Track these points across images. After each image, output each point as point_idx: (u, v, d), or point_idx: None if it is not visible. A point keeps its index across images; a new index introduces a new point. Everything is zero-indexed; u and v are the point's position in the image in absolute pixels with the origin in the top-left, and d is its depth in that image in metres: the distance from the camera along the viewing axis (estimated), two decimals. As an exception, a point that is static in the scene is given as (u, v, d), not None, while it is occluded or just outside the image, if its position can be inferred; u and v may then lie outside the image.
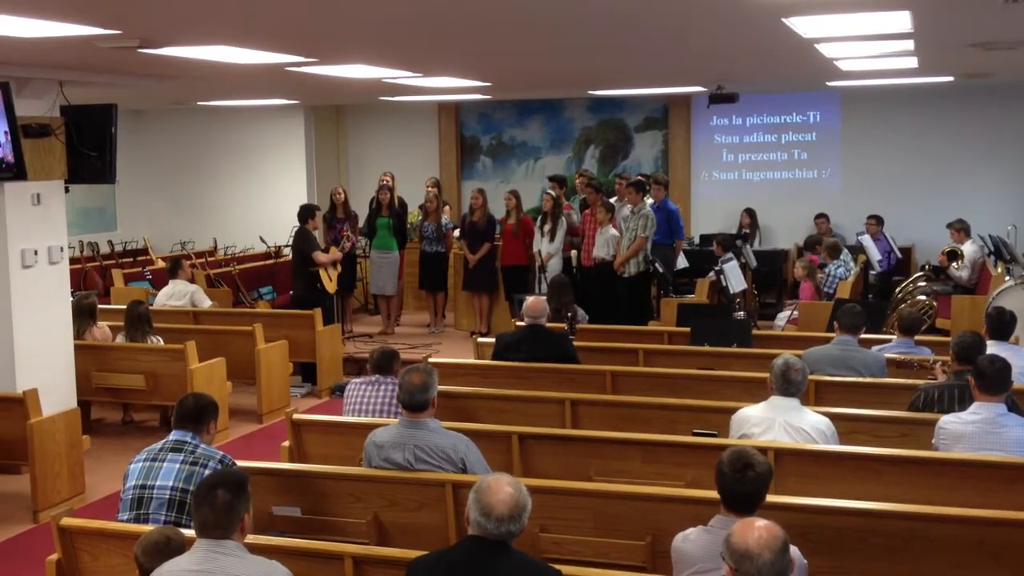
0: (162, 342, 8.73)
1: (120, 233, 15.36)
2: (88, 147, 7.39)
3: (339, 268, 11.10)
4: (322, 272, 10.73)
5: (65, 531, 4.44)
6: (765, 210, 14.19)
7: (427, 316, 12.97)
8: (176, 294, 10.35)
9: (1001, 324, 6.72)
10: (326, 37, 6.27)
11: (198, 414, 4.75)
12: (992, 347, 6.21)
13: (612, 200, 11.83)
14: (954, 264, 11.48)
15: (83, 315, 8.68)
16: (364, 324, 13.18)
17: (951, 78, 11.18)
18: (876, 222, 12.61)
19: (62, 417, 7.10)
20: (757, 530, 3.11)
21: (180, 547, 3.64)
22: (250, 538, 3.65)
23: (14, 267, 7.26)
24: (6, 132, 6.78)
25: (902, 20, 6.00)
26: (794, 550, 3.40)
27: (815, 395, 6.44)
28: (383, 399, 6.12)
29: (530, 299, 7.60)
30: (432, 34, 6.27)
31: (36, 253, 7.40)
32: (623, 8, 5.35)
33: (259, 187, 15.45)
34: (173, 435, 4.72)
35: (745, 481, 3.67)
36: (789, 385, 5.20)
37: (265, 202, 15.19)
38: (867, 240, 11.99)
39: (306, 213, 10.91)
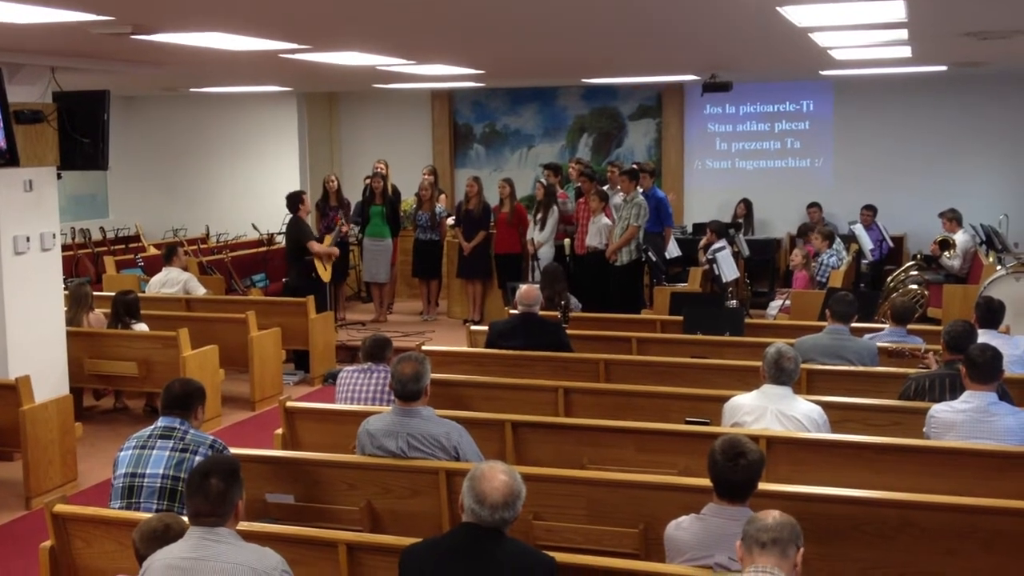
0: (146, 328, 8.71)
1: (112, 220, 15.33)
2: (80, 133, 7.37)
3: (334, 257, 11.12)
4: (317, 261, 10.75)
5: (58, 518, 4.44)
6: (758, 199, 14.20)
7: (420, 304, 12.98)
8: (169, 282, 10.32)
9: (990, 313, 6.76)
10: (320, 23, 6.25)
11: (185, 400, 4.74)
12: (982, 336, 6.25)
13: (605, 188, 11.83)
14: (946, 253, 11.51)
15: (78, 302, 8.66)
16: (357, 312, 13.18)
17: (944, 67, 11.19)
18: (870, 212, 12.65)
19: (54, 404, 7.09)
20: (772, 510, 3.24)
21: (179, 534, 3.64)
22: (243, 525, 3.66)
23: (6, 254, 7.25)
24: (-2, 118, 6.75)
25: (896, 9, 5.99)
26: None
27: (807, 383, 6.46)
28: (375, 387, 6.12)
29: (523, 287, 7.61)
30: (426, 20, 6.25)
31: (28, 240, 7.38)
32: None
33: (252, 174, 15.41)
34: (161, 421, 4.70)
35: (737, 469, 3.69)
36: (781, 373, 5.22)
37: (258, 189, 15.15)
38: (859, 229, 12.02)
39: (295, 200, 10.90)
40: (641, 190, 11.29)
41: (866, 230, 12.09)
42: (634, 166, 11.80)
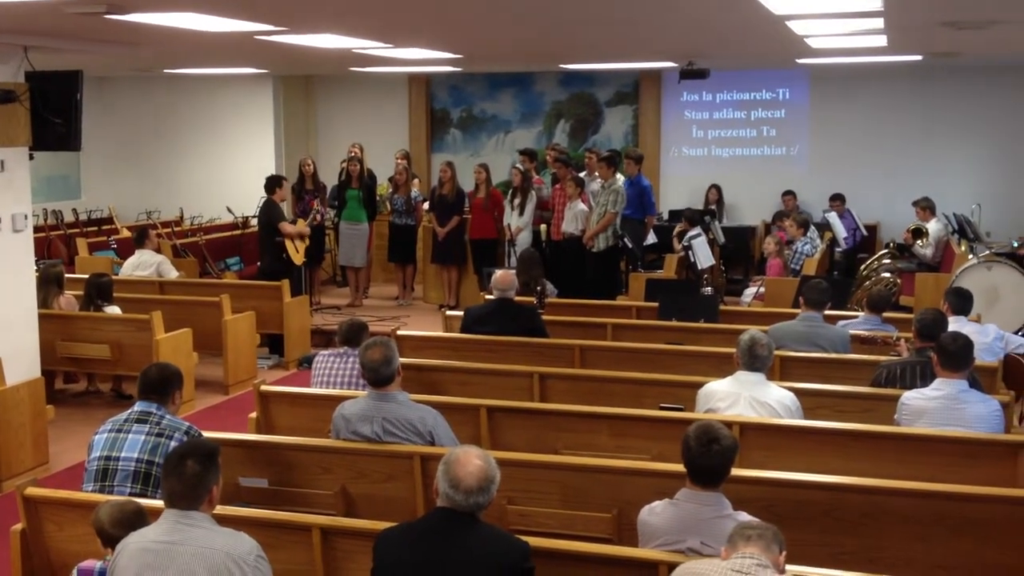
0: (119, 310, 8.64)
1: (84, 201, 15.20)
2: (53, 114, 7.27)
3: (307, 241, 11.06)
4: (288, 243, 10.69)
5: (30, 501, 4.42)
6: (733, 186, 14.25)
7: (395, 288, 12.95)
8: (142, 264, 10.26)
9: (961, 300, 6.83)
10: (296, 5, 6.21)
11: (162, 384, 4.73)
12: (953, 324, 6.31)
13: (582, 175, 11.83)
14: (919, 242, 11.59)
15: (50, 284, 8.57)
16: (332, 296, 13.14)
17: (919, 57, 11.24)
18: (839, 201, 12.74)
19: (26, 387, 7.03)
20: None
21: (147, 521, 3.64)
22: (217, 509, 3.65)
23: (-22, 235, 7.17)
24: (-31, 98, 6.67)
25: (872, -2, 6.03)
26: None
27: (780, 370, 6.50)
28: (351, 371, 6.12)
29: (499, 272, 7.61)
30: (403, 2, 6.22)
31: (0, 221, 7.30)
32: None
33: (226, 157, 15.30)
34: (138, 406, 4.69)
35: (711, 455, 3.71)
36: (755, 360, 5.25)
37: (232, 172, 15.05)
38: (833, 217, 12.10)
39: (273, 183, 10.85)
40: (621, 177, 11.31)
41: (839, 218, 12.16)
42: (614, 151, 11.78)
